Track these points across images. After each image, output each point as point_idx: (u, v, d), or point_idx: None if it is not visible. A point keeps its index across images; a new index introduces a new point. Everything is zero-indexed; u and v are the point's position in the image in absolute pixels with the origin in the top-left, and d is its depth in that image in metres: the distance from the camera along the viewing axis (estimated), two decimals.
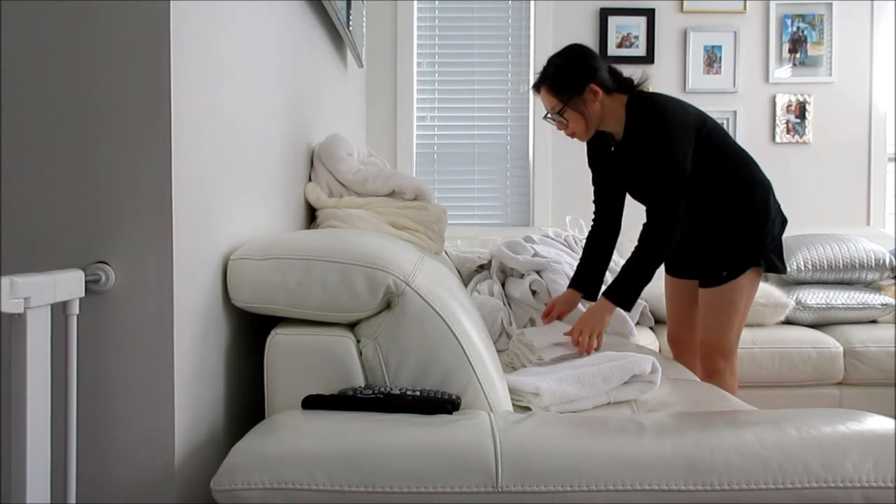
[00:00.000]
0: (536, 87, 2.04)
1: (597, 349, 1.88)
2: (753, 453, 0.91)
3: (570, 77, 1.97)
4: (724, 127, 3.58)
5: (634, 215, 2.28)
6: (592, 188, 2.23)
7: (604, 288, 2.03)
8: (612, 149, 2.12)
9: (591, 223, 2.23)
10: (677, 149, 1.92)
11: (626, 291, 1.94)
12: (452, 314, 1.18)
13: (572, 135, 2.05)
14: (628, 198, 2.21)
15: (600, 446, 0.92)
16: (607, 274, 2.31)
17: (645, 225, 1.96)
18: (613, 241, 2.21)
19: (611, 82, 2.00)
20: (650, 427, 0.98)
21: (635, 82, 2.04)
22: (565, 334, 1.93)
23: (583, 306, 2.28)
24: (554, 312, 2.15)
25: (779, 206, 2.13)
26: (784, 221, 2.14)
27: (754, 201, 2.05)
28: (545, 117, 2.07)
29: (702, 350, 2.16)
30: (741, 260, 2.05)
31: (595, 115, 2.00)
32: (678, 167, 1.92)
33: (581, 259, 2.22)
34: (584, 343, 1.86)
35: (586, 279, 2.17)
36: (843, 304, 2.99)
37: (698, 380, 1.95)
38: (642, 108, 1.97)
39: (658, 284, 2.35)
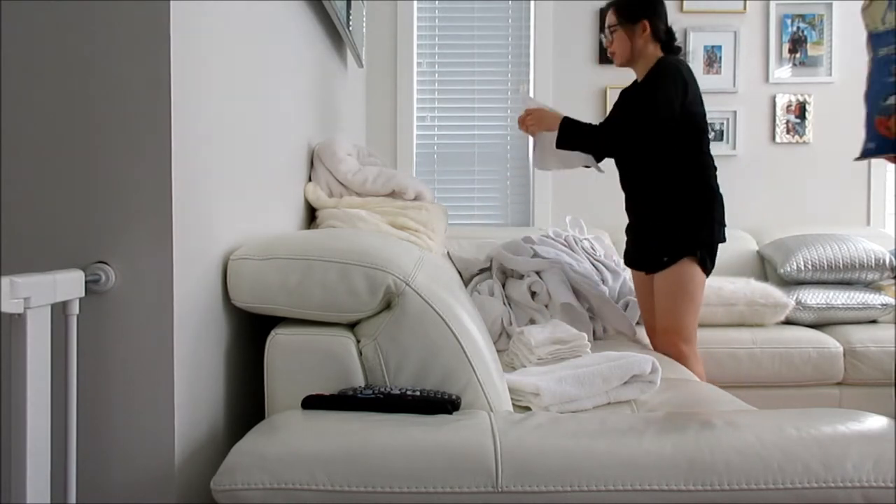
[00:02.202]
0: (608, 6, 2.42)
1: (526, 128, 2.36)
2: (753, 453, 0.91)
3: (632, 6, 2.34)
4: (724, 127, 3.61)
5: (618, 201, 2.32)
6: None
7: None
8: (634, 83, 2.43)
9: None
10: (670, 91, 2.18)
11: (575, 132, 2.26)
12: (452, 314, 1.18)
13: (612, 54, 2.39)
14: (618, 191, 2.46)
15: (600, 446, 0.92)
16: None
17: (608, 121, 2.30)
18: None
19: (663, 34, 2.33)
20: (650, 427, 0.98)
21: (677, 50, 2.36)
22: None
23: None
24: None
25: (724, 219, 2.31)
26: (724, 237, 2.31)
27: (698, 199, 2.25)
28: (602, 31, 2.53)
29: (662, 337, 2.29)
30: (678, 247, 2.24)
31: (636, 48, 2.33)
32: (665, 96, 2.17)
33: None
34: (523, 118, 2.34)
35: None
36: (843, 304, 2.99)
37: (698, 380, 1.95)
38: (665, 65, 2.26)
39: None
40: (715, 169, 2.30)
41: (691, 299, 2.25)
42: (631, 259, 2.48)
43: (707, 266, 2.25)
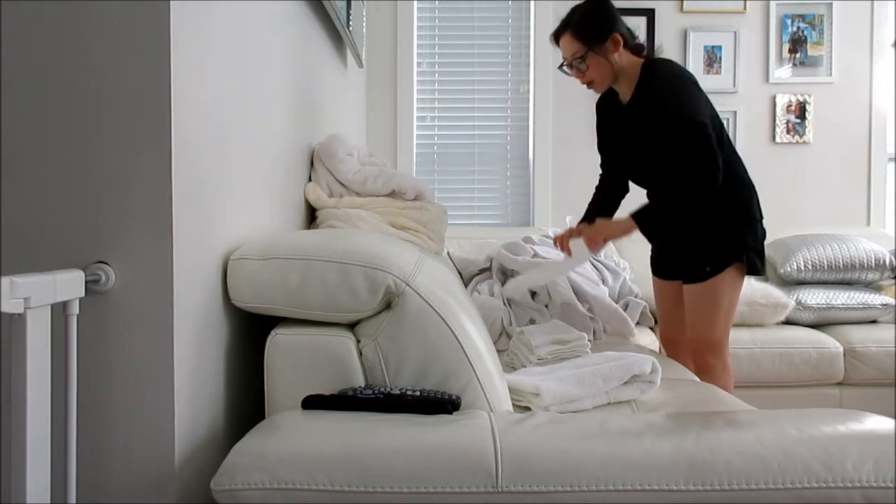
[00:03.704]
0: (557, 35, 2.07)
1: (594, 250, 2.02)
2: (753, 453, 0.91)
3: (597, 23, 2.01)
4: (724, 127, 3.60)
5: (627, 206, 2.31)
6: (599, 154, 2.30)
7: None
8: (623, 105, 2.13)
9: (598, 181, 2.31)
10: (695, 105, 1.94)
11: (652, 219, 1.97)
12: (452, 314, 1.18)
13: (590, 83, 2.08)
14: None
15: (600, 446, 0.92)
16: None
17: (681, 169, 1.93)
18: (620, 196, 2.26)
19: (630, 38, 2.05)
20: (650, 427, 0.98)
21: (645, 51, 2.10)
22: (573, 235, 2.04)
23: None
24: (565, 238, 2.15)
25: (762, 213, 2.13)
26: (764, 231, 2.15)
27: (739, 198, 2.08)
28: (560, 67, 2.11)
29: (691, 347, 2.19)
30: (724, 255, 2.07)
31: (616, 66, 2.04)
32: (699, 118, 1.91)
33: (591, 202, 2.28)
34: (589, 240, 2.01)
35: (599, 214, 2.22)
36: (843, 304, 2.99)
37: (698, 380, 1.95)
38: (661, 71, 2.01)
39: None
40: (739, 159, 2.12)
41: (725, 311, 2.10)
42: (663, 270, 2.28)
43: (758, 267, 2.08)
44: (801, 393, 2.84)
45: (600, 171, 2.32)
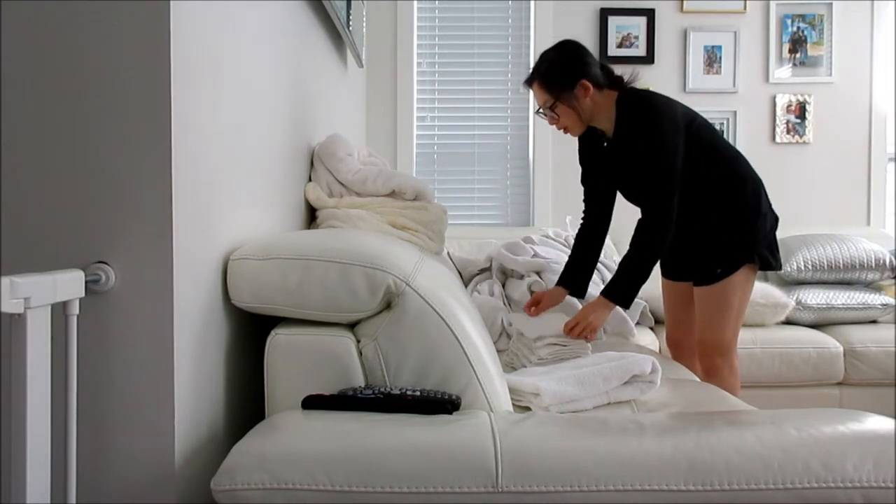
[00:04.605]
0: (528, 83, 2.06)
1: (588, 339, 1.89)
2: (753, 453, 0.91)
3: (562, 73, 2.00)
4: (724, 127, 3.61)
5: (627, 215, 2.29)
6: (582, 186, 2.25)
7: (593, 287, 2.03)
8: (605, 144, 2.12)
9: (581, 221, 2.24)
10: (668, 146, 1.94)
11: (624, 288, 1.94)
12: (452, 314, 1.18)
13: (564, 130, 2.07)
14: (619, 198, 2.21)
15: (600, 446, 0.92)
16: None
17: (640, 222, 1.97)
18: (602, 239, 2.22)
19: (602, 78, 2.02)
20: (650, 427, 0.98)
21: (625, 80, 2.05)
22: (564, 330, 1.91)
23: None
24: (541, 306, 2.13)
25: (770, 203, 2.13)
26: (776, 219, 2.14)
27: (745, 196, 2.06)
28: (537, 112, 2.10)
29: (699, 349, 2.18)
30: (735, 256, 2.06)
31: (586, 111, 2.02)
32: (669, 164, 1.93)
33: (570, 257, 2.22)
34: (574, 334, 1.87)
35: (574, 277, 2.17)
36: (843, 304, 2.99)
37: (698, 380, 1.95)
38: (633, 104, 1.99)
39: (656, 285, 2.35)
40: (740, 155, 2.10)
41: (736, 313, 2.09)
42: (673, 271, 2.27)
43: (771, 263, 2.08)
44: (801, 393, 2.84)
45: (583, 209, 2.25)
